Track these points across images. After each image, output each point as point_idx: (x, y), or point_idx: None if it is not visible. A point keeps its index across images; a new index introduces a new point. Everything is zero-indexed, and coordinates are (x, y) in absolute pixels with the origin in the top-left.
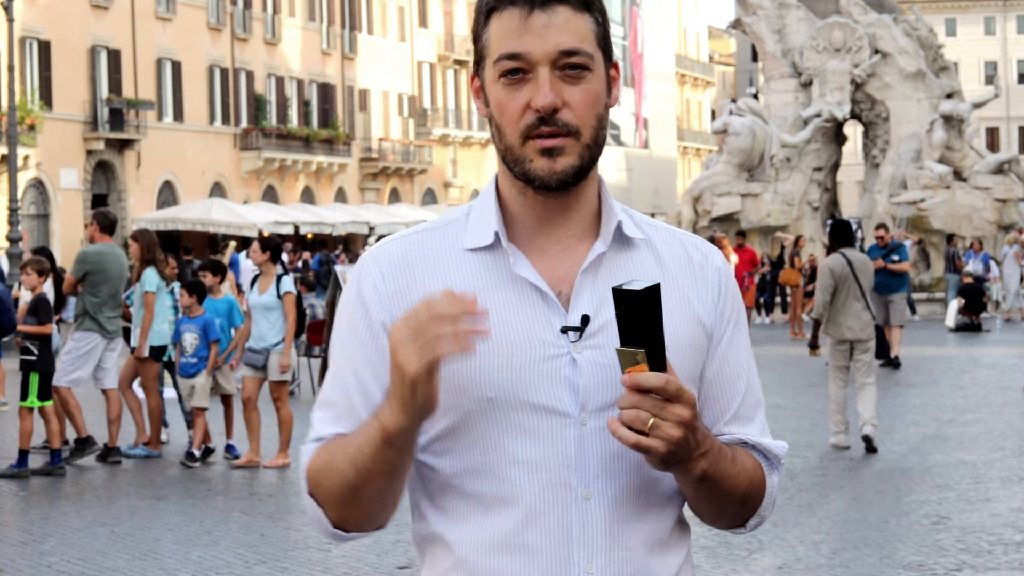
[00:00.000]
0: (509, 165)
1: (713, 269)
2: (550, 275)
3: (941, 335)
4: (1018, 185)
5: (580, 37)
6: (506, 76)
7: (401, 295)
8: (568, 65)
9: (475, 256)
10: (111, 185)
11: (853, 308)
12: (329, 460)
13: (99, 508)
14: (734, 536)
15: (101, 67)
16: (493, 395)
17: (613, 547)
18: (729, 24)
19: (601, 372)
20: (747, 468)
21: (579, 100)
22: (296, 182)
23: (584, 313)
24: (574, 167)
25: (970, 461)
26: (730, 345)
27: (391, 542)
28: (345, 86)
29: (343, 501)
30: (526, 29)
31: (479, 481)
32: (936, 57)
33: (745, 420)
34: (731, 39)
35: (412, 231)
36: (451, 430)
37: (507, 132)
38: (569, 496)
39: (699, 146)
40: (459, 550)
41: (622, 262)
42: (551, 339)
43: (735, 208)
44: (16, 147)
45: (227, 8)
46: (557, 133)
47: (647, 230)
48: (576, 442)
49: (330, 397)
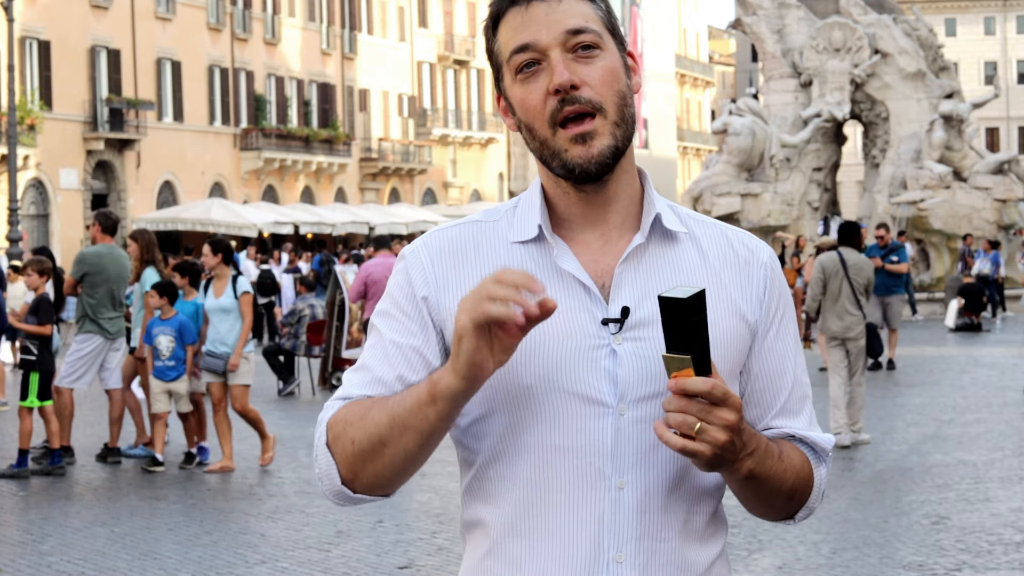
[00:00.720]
0: (547, 162)
1: (759, 264)
2: (592, 267)
3: (941, 335)
4: (1018, 185)
5: (585, 18)
6: (522, 71)
7: (447, 281)
8: (579, 46)
9: (520, 248)
10: (111, 185)
11: (841, 306)
12: (362, 413)
13: (99, 508)
14: (734, 536)
15: (101, 67)
16: (533, 382)
17: (644, 537)
18: (729, 24)
19: (641, 364)
20: (794, 463)
21: (596, 77)
22: (296, 182)
23: (624, 305)
24: (609, 147)
25: (970, 461)
26: (776, 340)
27: (391, 542)
28: (345, 86)
29: (365, 454)
30: (530, 20)
31: (515, 465)
32: (936, 57)
33: (792, 414)
34: (731, 39)
35: (463, 221)
36: (490, 413)
37: (536, 126)
38: (603, 485)
39: (699, 146)
40: (494, 534)
41: (664, 255)
42: (593, 330)
43: (735, 208)
44: (16, 147)
45: (227, 8)
46: (582, 112)
47: (690, 223)
48: (613, 432)
49: (367, 362)
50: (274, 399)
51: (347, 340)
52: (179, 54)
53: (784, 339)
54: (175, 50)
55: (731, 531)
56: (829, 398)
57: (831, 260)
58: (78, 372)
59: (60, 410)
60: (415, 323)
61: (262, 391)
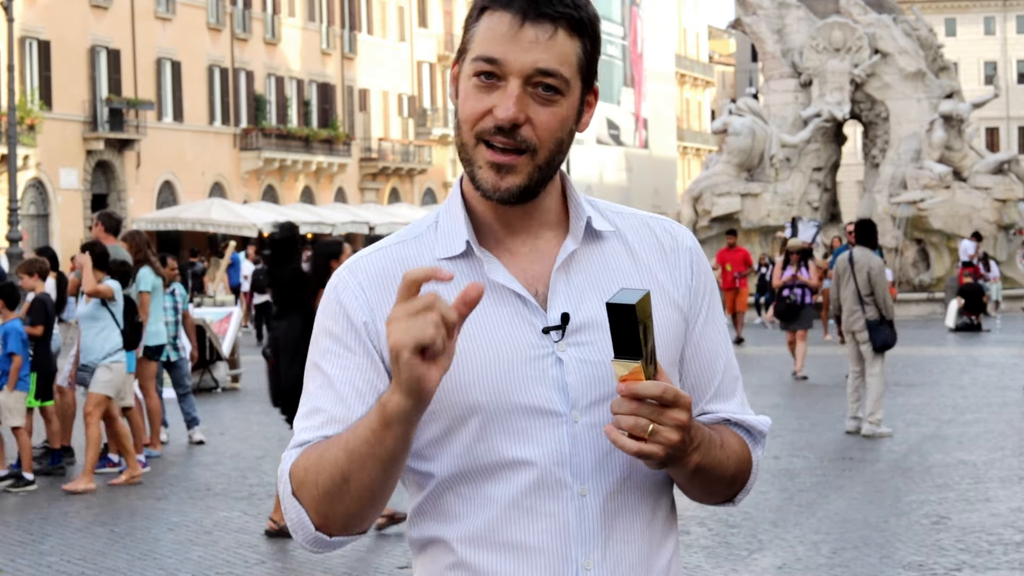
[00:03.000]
0: (463, 162)
1: (684, 250)
2: (524, 277)
3: (941, 335)
4: (1018, 185)
5: (561, 60)
6: (479, 77)
7: (380, 308)
8: (542, 84)
9: (449, 265)
10: (111, 185)
11: (848, 303)
12: (320, 454)
13: (99, 508)
14: (734, 536)
15: (101, 67)
16: (483, 399)
17: (609, 541)
18: (729, 24)
19: (587, 369)
20: (735, 450)
21: (543, 121)
22: (296, 182)
23: (563, 311)
24: (519, 187)
25: (970, 461)
26: (707, 324)
27: (391, 542)
28: (345, 86)
29: (330, 494)
30: (511, 38)
31: (475, 483)
32: (936, 57)
33: (726, 396)
34: (731, 39)
35: (385, 244)
36: (444, 434)
37: (465, 129)
38: (565, 494)
39: (699, 146)
40: (458, 550)
41: (593, 256)
42: (535, 340)
43: (735, 208)
44: (16, 147)
45: (227, 8)
46: (511, 148)
47: (615, 219)
48: (569, 440)
49: (319, 405)
50: None
51: None
52: (179, 54)
53: (714, 323)
54: (175, 50)
55: (731, 531)
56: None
57: (843, 259)
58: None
59: (62, 410)
60: (361, 356)
61: (262, 391)
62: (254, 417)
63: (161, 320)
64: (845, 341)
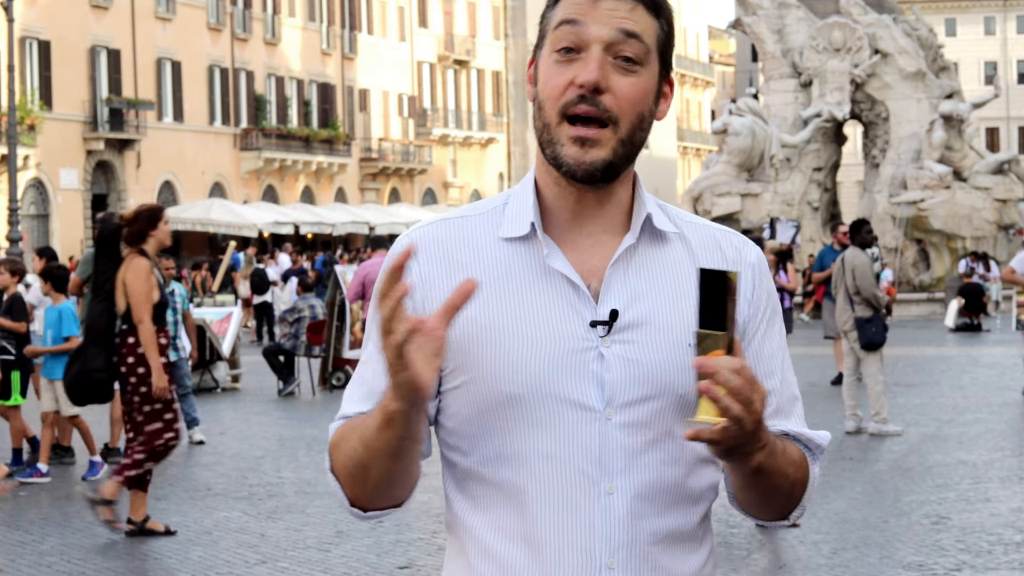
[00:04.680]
0: (543, 146)
1: (747, 264)
2: (582, 268)
3: (941, 335)
4: (1018, 185)
5: (642, 28)
6: (560, 52)
7: (435, 277)
8: (623, 56)
9: (509, 245)
10: (111, 185)
11: (840, 301)
12: (346, 438)
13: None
14: (734, 536)
15: (101, 67)
16: (519, 386)
17: (635, 542)
18: (729, 24)
19: (629, 368)
20: (795, 460)
21: (625, 90)
22: (296, 182)
23: (613, 307)
24: (604, 160)
25: (970, 461)
26: (764, 340)
27: (391, 542)
28: (345, 86)
29: (354, 478)
30: (593, 6)
31: (503, 471)
32: (936, 57)
33: (784, 415)
34: (731, 39)
35: (451, 215)
36: (476, 418)
37: (547, 107)
38: (592, 491)
39: (699, 146)
40: (484, 539)
41: (655, 256)
42: (581, 332)
43: (735, 208)
44: (16, 147)
45: (227, 8)
46: (594, 116)
47: (680, 224)
48: (600, 437)
49: (362, 374)
50: (274, 399)
51: (350, 340)
52: (179, 54)
53: (771, 339)
54: (175, 50)
55: (731, 531)
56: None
57: (838, 260)
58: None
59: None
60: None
61: (262, 391)
62: (254, 417)
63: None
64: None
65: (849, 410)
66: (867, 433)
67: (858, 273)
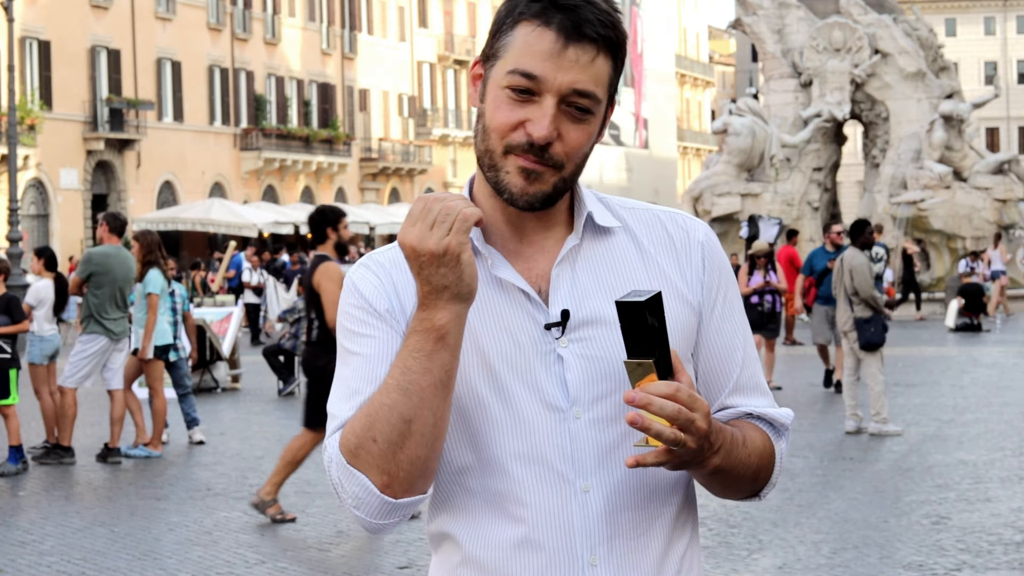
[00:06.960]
0: (484, 168)
1: (696, 244)
2: (529, 274)
3: (941, 335)
4: (1018, 185)
5: (597, 81)
6: (513, 90)
7: (396, 294)
8: (576, 105)
9: None
10: (111, 185)
11: (840, 302)
12: (370, 412)
13: (99, 508)
14: (734, 536)
15: (101, 67)
16: (488, 394)
17: (615, 537)
18: (729, 24)
19: (588, 365)
20: (757, 446)
21: (574, 139)
22: (296, 182)
23: (563, 308)
24: (545, 194)
25: (970, 461)
26: (722, 318)
27: (391, 542)
28: (345, 86)
29: (394, 443)
30: (552, 56)
31: (480, 478)
32: (936, 57)
33: (746, 390)
34: (731, 39)
35: (394, 244)
36: (451, 431)
37: (492, 138)
38: (568, 490)
39: (699, 146)
40: (466, 546)
41: (599, 252)
42: (537, 336)
43: (735, 208)
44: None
45: (227, 8)
46: (541, 162)
47: (625, 215)
48: (570, 436)
49: (356, 387)
50: (274, 399)
51: None
52: (179, 54)
53: (730, 317)
54: (175, 50)
55: (731, 531)
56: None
57: (838, 261)
58: (82, 372)
59: (64, 410)
60: (391, 332)
61: (262, 391)
62: (254, 417)
63: (165, 320)
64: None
65: (849, 410)
66: (867, 433)
67: (856, 274)
